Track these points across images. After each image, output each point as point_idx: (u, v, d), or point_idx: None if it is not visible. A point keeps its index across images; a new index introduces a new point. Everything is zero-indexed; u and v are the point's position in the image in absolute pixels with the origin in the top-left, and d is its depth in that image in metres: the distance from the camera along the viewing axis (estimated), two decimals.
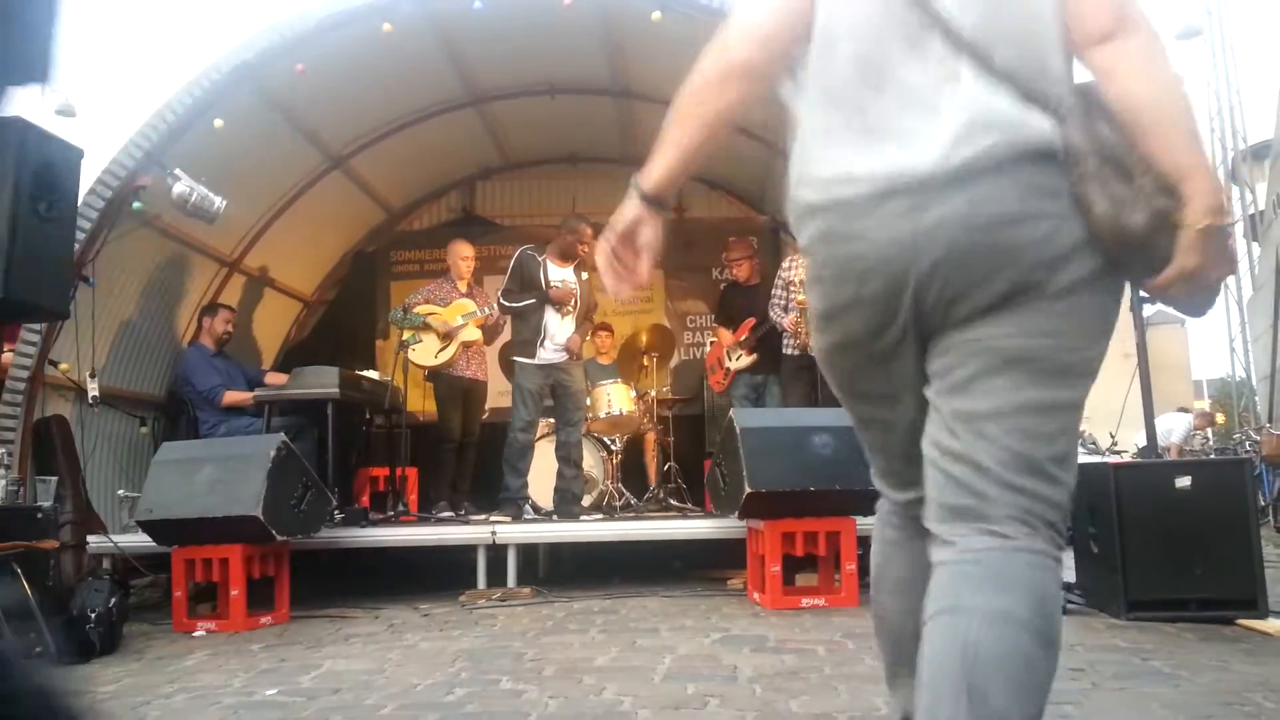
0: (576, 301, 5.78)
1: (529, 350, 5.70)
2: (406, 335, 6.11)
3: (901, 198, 1.34)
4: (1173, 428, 12.04)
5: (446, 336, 6.15)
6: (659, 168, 1.53)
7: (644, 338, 7.32)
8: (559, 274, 5.78)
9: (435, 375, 6.27)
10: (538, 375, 5.69)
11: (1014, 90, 1.34)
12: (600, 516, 5.94)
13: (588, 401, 6.64)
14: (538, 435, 6.30)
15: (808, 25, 1.46)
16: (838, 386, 1.58)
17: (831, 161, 1.41)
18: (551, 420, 6.36)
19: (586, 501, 6.19)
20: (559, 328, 5.74)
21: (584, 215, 6.30)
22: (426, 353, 6.15)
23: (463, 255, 6.41)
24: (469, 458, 6.41)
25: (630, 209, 1.54)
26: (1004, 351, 1.35)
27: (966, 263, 1.32)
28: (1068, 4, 1.37)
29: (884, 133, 1.37)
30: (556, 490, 5.79)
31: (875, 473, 1.63)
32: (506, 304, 5.80)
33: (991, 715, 1.21)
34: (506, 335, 6.67)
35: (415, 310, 6.20)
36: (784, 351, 6.06)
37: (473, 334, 6.24)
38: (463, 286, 6.38)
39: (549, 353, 5.70)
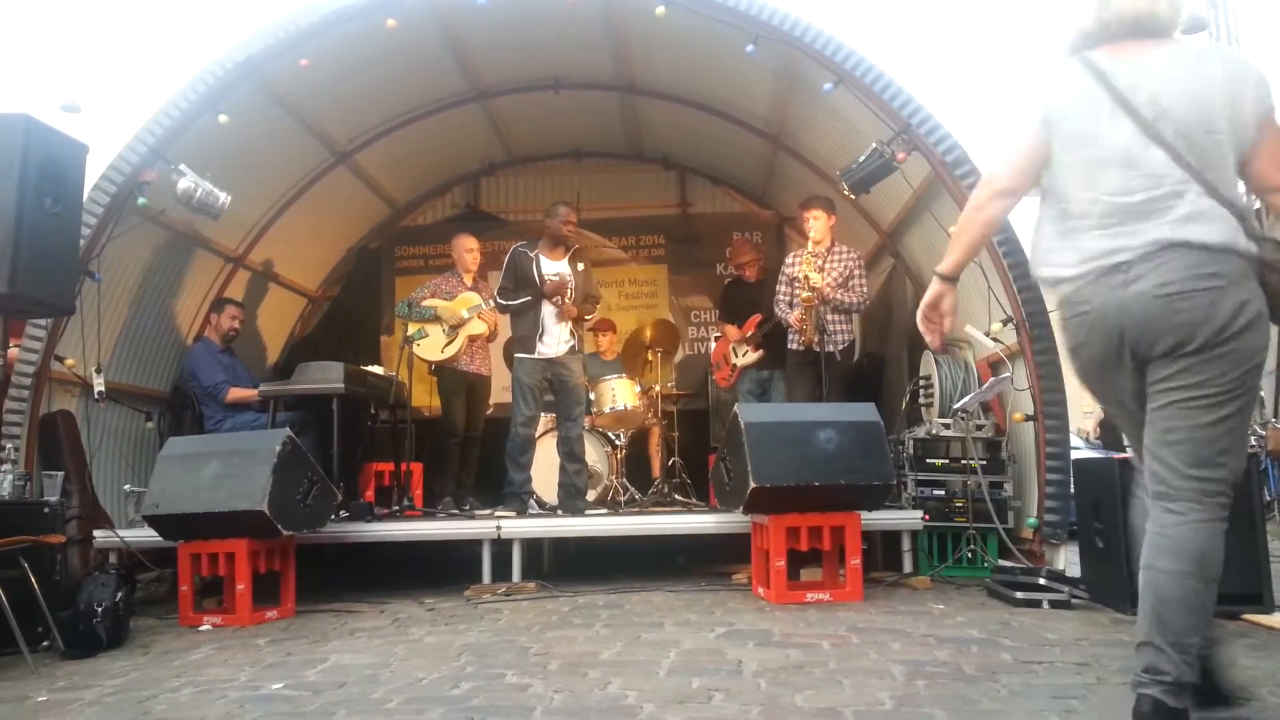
0: (572, 291, 5.77)
1: (527, 346, 5.71)
2: (412, 330, 6.12)
3: (1115, 274, 2.08)
4: None
5: (453, 329, 6.15)
6: (954, 259, 2.39)
7: (648, 333, 7.32)
8: (552, 267, 5.78)
9: (439, 370, 6.27)
10: (536, 370, 5.70)
11: (1218, 203, 2.03)
12: (605, 511, 5.94)
13: (591, 396, 6.64)
14: (542, 431, 6.30)
15: (1047, 158, 2.21)
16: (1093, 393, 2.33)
17: (1072, 250, 2.16)
18: (554, 415, 6.38)
19: (591, 496, 6.19)
20: (556, 322, 5.74)
21: (566, 200, 6.30)
22: (432, 347, 6.16)
23: (468, 248, 6.40)
24: (473, 453, 6.41)
25: (935, 287, 2.39)
26: (1178, 390, 2.06)
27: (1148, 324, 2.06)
28: (1251, 164, 2.09)
29: (1116, 231, 2.10)
30: (561, 485, 5.80)
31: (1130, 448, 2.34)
32: (503, 302, 5.82)
33: (1170, 632, 2.05)
34: (508, 331, 6.70)
35: (422, 304, 6.21)
36: (789, 347, 6.05)
37: (479, 327, 6.24)
38: (468, 280, 6.38)
39: (548, 347, 5.71)
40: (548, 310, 5.71)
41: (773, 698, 2.63)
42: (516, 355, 5.80)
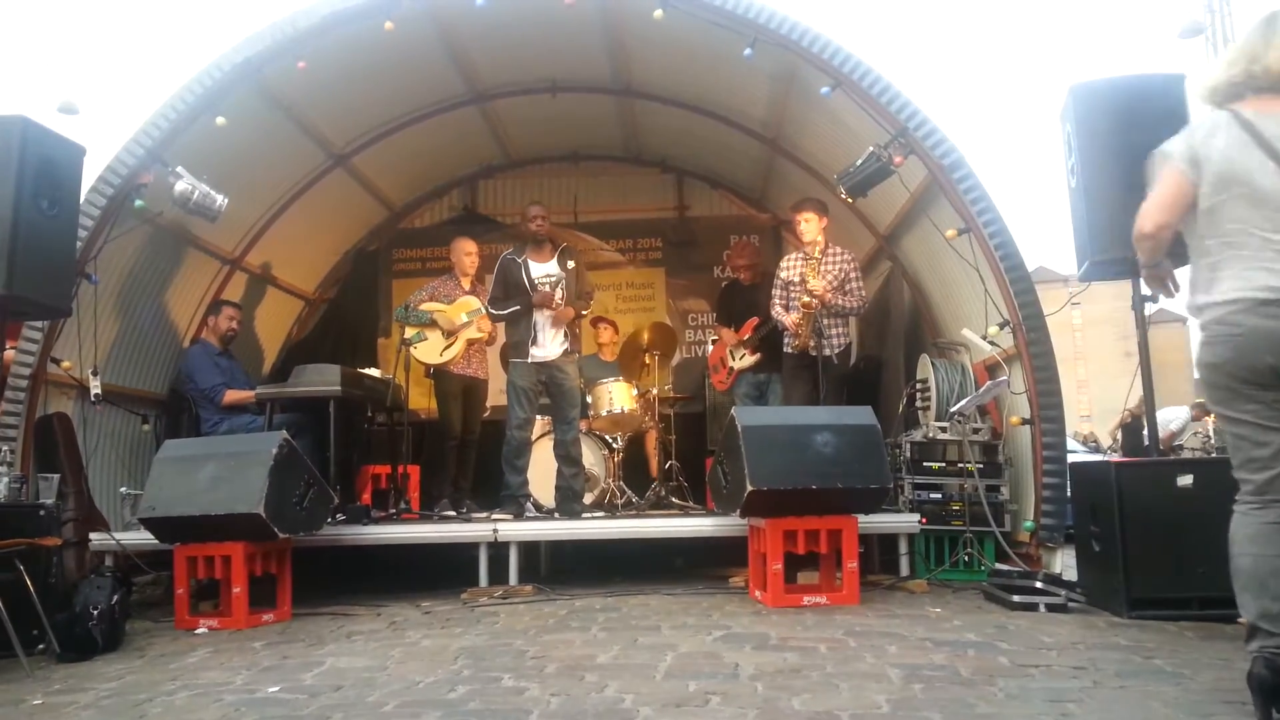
0: (563, 291, 5.78)
1: (521, 351, 5.75)
2: (410, 333, 6.11)
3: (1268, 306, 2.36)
4: (1171, 419, 12.08)
5: (451, 334, 6.16)
6: (1146, 261, 2.71)
7: (645, 336, 7.31)
8: (541, 269, 5.79)
9: (437, 373, 6.28)
10: (530, 373, 5.72)
11: None
12: (602, 514, 5.93)
13: (588, 399, 6.64)
14: (539, 434, 6.30)
15: (1194, 198, 2.48)
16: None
17: (1226, 280, 2.43)
18: (548, 418, 6.41)
19: (588, 499, 6.18)
20: (548, 326, 5.75)
21: (537, 200, 6.32)
22: (431, 350, 6.16)
23: (466, 251, 6.41)
24: (470, 456, 6.41)
25: (1148, 275, 2.84)
26: None
27: None
28: None
29: (1269, 268, 2.37)
30: (558, 488, 5.80)
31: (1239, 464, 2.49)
32: (494, 312, 5.88)
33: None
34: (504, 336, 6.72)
35: (420, 307, 6.21)
36: (785, 350, 6.05)
37: (477, 331, 6.25)
38: (466, 284, 6.38)
39: (541, 349, 5.73)
40: (540, 315, 5.73)
41: (769, 701, 2.63)
42: (511, 360, 5.83)
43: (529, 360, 5.71)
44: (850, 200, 5.79)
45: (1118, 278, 4.39)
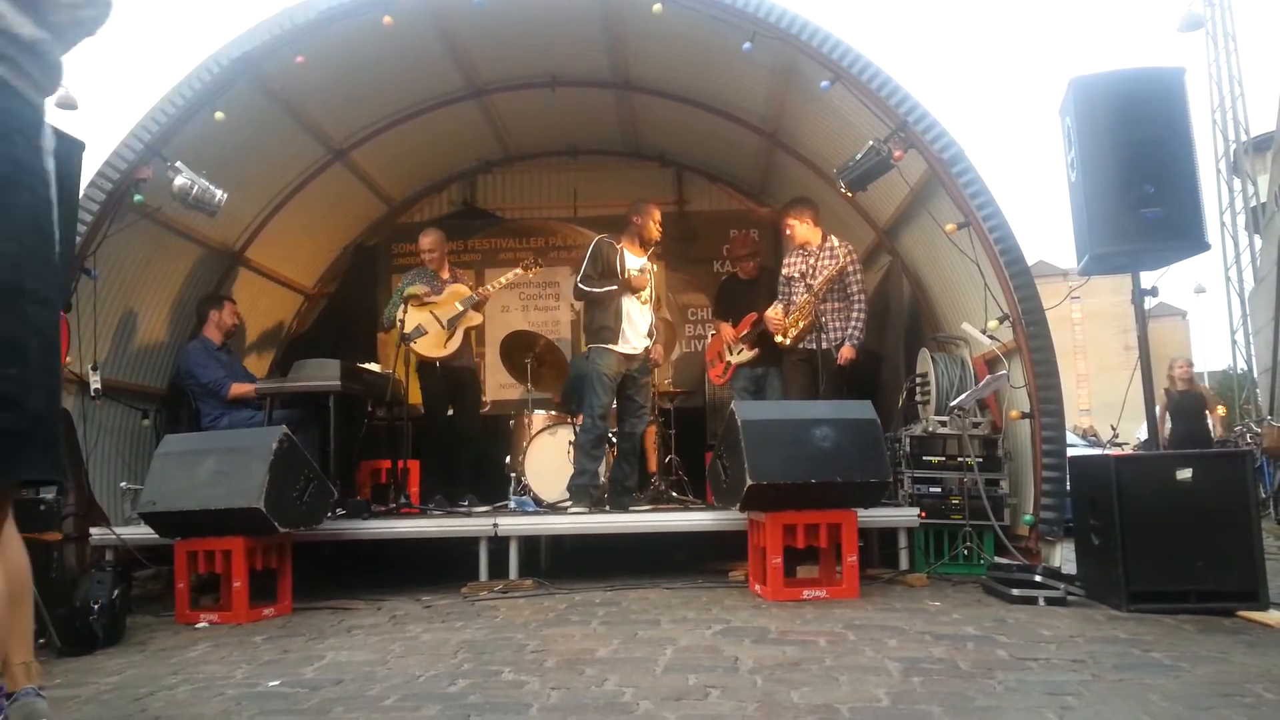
0: (652, 290, 5.77)
1: (608, 337, 5.56)
2: (410, 328, 6.10)
3: None
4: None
5: (452, 322, 6.16)
6: None
7: None
8: (635, 262, 5.69)
9: (421, 367, 6.26)
10: (620, 364, 5.57)
11: None
12: (604, 509, 5.94)
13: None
14: (541, 427, 6.29)
15: None
16: None
17: None
18: (554, 413, 6.41)
19: None
20: (639, 315, 5.67)
21: (646, 198, 6.15)
22: (434, 344, 6.15)
23: (425, 246, 6.41)
24: (467, 450, 6.40)
25: None
26: None
27: None
28: None
29: None
30: (612, 480, 5.73)
31: None
32: (586, 289, 5.63)
33: None
34: (509, 326, 6.67)
35: (410, 290, 6.21)
36: (784, 343, 6.06)
37: (476, 318, 6.26)
38: (445, 275, 6.40)
39: (632, 344, 5.60)
40: (631, 303, 5.62)
41: (769, 694, 2.64)
42: (596, 345, 5.61)
43: (619, 349, 5.57)
44: (850, 194, 5.79)
45: (1117, 271, 4.40)
